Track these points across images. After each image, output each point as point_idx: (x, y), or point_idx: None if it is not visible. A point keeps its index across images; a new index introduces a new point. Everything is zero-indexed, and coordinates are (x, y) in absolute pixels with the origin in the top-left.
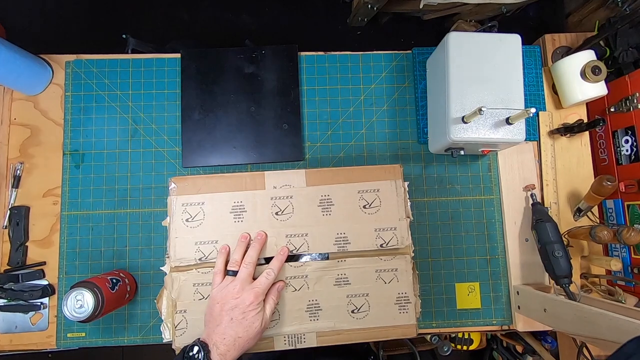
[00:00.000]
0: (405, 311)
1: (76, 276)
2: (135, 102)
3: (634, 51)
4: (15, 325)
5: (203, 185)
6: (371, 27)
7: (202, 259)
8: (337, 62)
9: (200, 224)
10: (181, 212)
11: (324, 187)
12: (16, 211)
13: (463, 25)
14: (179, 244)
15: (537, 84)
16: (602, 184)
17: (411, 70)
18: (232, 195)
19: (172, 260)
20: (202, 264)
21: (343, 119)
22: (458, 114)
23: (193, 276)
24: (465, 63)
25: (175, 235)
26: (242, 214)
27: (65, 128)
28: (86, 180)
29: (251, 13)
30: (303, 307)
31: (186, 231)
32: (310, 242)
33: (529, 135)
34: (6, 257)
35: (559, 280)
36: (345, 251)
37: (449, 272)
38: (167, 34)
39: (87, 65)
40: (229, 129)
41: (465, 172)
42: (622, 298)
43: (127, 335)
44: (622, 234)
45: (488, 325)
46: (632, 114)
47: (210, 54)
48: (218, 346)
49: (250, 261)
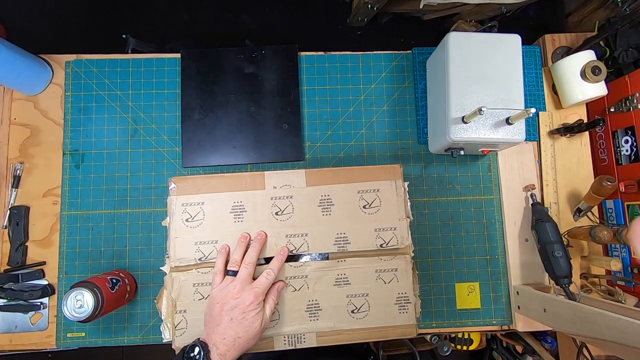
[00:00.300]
0: (405, 311)
1: (76, 276)
2: (135, 102)
3: (634, 51)
4: (15, 325)
5: (203, 185)
6: (371, 27)
7: (202, 259)
8: (337, 62)
9: (200, 224)
10: (181, 212)
11: (324, 187)
12: (16, 211)
13: (463, 25)
14: (179, 244)
15: (537, 84)
16: (602, 184)
17: (411, 70)
18: (232, 195)
19: (172, 260)
20: (202, 264)
21: (343, 119)
22: (458, 114)
23: (193, 276)
24: (465, 63)
25: (175, 235)
26: (242, 214)
27: (65, 128)
28: (86, 180)
29: (251, 13)
30: (303, 307)
31: (186, 231)
32: (310, 242)
33: (529, 136)
34: (6, 257)
35: (559, 281)
36: (345, 251)
37: (449, 272)
38: (167, 34)
39: (87, 65)
40: (229, 129)
41: (465, 172)
42: (622, 298)
43: (127, 335)
44: (622, 234)
45: (488, 325)
46: (632, 114)
47: (210, 54)
48: (218, 346)
49: (250, 261)
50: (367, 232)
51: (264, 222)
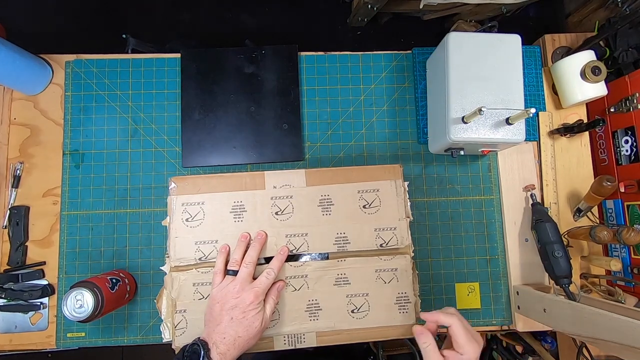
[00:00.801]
0: (405, 311)
1: (76, 276)
2: (135, 102)
3: (634, 51)
4: (15, 325)
5: (203, 185)
6: (371, 27)
7: (202, 258)
8: (337, 62)
9: (200, 224)
10: (181, 212)
11: (324, 187)
12: (16, 211)
13: (463, 26)
14: (179, 244)
15: (537, 84)
16: (602, 184)
17: (411, 70)
18: (232, 195)
19: (172, 259)
20: (202, 263)
21: (343, 119)
22: (458, 114)
23: (193, 276)
24: (465, 63)
25: (175, 234)
26: (242, 214)
27: (65, 128)
28: (86, 180)
29: (251, 13)
30: (303, 307)
31: (186, 231)
32: (310, 241)
33: (528, 136)
34: (6, 257)
35: (559, 281)
36: (345, 251)
37: (448, 272)
38: (167, 34)
39: (87, 65)
40: (229, 129)
41: (465, 172)
42: (622, 298)
43: (127, 335)
44: (622, 234)
45: (488, 325)
46: (632, 114)
47: (210, 54)
48: (218, 345)
49: (250, 261)
50: (367, 232)
51: (264, 222)
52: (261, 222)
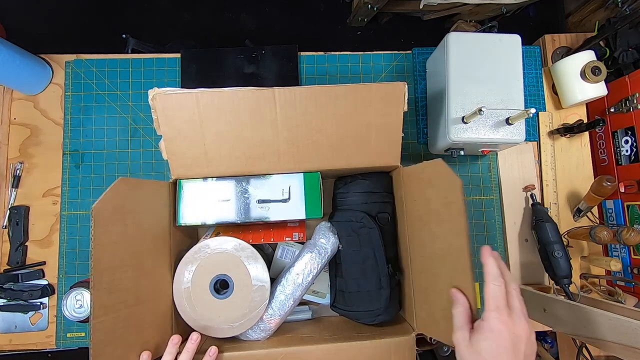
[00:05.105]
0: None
1: (76, 276)
2: (135, 102)
3: (634, 51)
4: (14, 325)
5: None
6: (371, 27)
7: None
8: (337, 62)
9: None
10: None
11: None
12: (16, 211)
13: (463, 26)
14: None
15: (537, 84)
16: (602, 184)
17: (411, 70)
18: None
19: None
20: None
21: None
22: (458, 114)
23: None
24: (465, 63)
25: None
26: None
27: (65, 128)
28: (86, 180)
29: (251, 13)
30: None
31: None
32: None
33: (528, 136)
34: (6, 257)
35: (559, 281)
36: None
37: None
38: (167, 34)
39: (87, 65)
40: None
41: (465, 172)
42: (622, 298)
43: None
44: (621, 235)
45: None
46: (631, 115)
47: (210, 54)
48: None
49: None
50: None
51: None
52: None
